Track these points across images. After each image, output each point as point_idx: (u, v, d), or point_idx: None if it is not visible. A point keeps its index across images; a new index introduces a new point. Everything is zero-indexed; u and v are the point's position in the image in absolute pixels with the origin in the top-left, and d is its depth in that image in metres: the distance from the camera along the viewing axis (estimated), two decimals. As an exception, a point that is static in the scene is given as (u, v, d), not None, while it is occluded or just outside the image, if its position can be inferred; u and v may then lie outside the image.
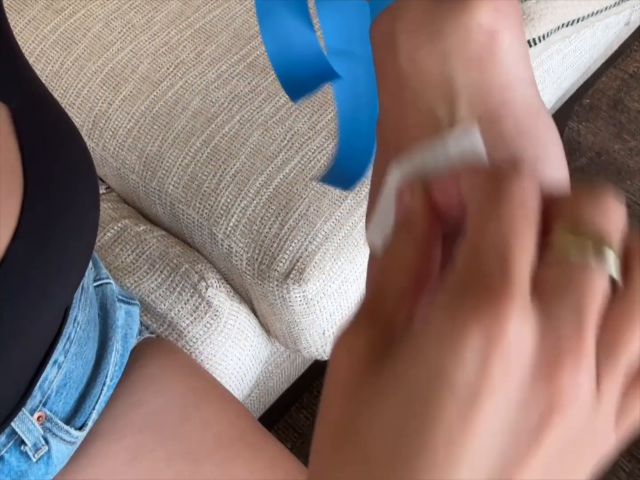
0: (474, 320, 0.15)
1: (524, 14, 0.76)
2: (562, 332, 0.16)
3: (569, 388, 0.16)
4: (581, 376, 0.16)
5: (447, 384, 0.16)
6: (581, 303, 0.16)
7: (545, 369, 0.16)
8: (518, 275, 0.16)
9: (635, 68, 1.47)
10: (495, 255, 0.16)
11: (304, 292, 0.65)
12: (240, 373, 0.69)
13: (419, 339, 0.16)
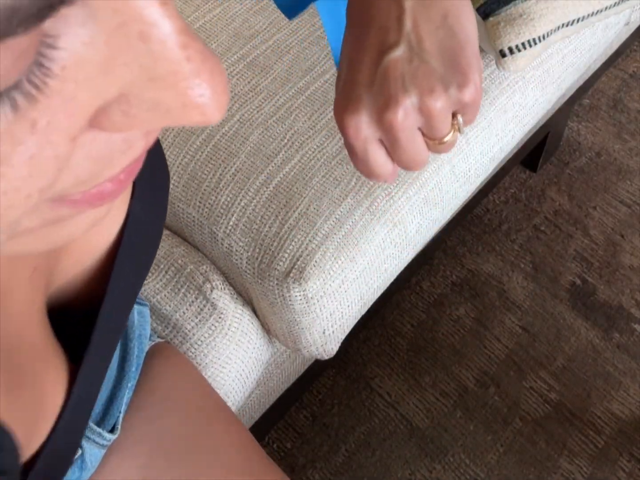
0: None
1: (524, 13, 0.76)
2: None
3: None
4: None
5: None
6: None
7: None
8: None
9: (635, 68, 1.47)
10: None
11: (304, 291, 0.64)
12: (242, 375, 0.69)
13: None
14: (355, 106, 0.34)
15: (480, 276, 1.21)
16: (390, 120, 0.34)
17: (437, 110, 0.33)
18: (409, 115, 0.34)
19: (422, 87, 0.33)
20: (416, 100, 0.33)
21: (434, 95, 0.33)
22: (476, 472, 1.03)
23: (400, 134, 0.34)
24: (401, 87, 0.33)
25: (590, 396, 1.09)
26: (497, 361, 1.12)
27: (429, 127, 0.35)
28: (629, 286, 1.20)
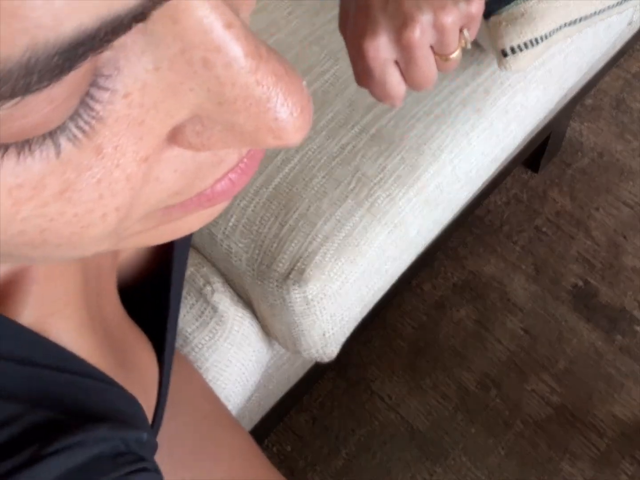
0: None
1: (526, 13, 0.75)
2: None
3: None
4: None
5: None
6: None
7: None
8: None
9: (638, 68, 1.47)
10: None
11: (304, 293, 0.64)
12: (243, 379, 0.68)
13: None
14: (374, 29, 0.37)
15: (481, 278, 1.20)
16: (409, 38, 0.37)
17: (450, 25, 0.37)
18: (425, 32, 0.37)
19: (434, 4, 0.37)
20: (430, 17, 0.37)
21: (446, 10, 0.37)
22: (477, 475, 1.02)
23: (417, 51, 0.37)
24: (415, 5, 0.37)
25: (592, 399, 1.08)
26: (498, 363, 1.11)
27: (440, 43, 0.38)
28: (631, 288, 1.19)
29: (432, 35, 0.38)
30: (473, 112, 0.76)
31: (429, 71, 0.39)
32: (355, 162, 0.70)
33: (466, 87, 0.77)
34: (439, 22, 0.37)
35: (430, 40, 0.38)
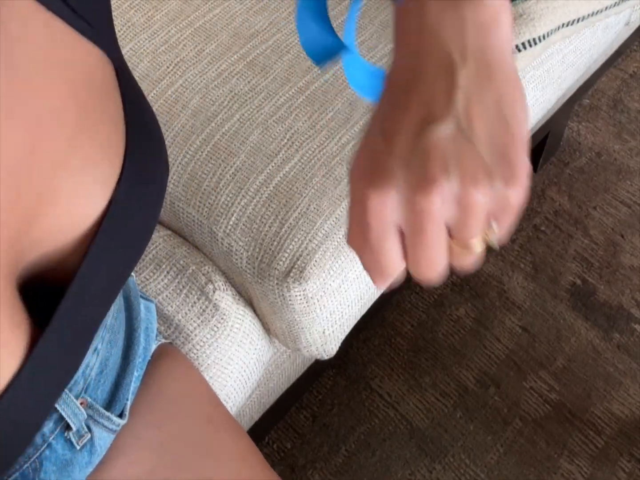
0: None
1: (525, 13, 0.76)
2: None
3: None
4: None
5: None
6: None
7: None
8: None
9: (635, 68, 1.47)
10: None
11: (304, 291, 0.64)
12: (244, 376, 0.69)
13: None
14: (385, 180, 0.29)
15: (480, 276, 1.21)
16: (424, 205, 0.28)
17: (477, 203, 0.29)
18: (444, 204, 0.29)
19: (466, 172, 0.28)
20: (456, 188, 0.28)
21: (478, 184, 0.28)
22: (476, 473, 1.03)
23: (429, 223, 0.29)
24: (443, 168, 0.28)
25: (590, 396, 1.09)
26: (497, 361, 1.12)
27: (460, 223, 0.29)
28: (629, 286, 1.20)
29: (451, 211, 0.29)
30: (472, 112, 0.77)
31: (436, 254, 0.30)
32: (355, 161, 0.71)
33: (465, 87, 0.78)
34: (466, 195, 0.29)
35: (448, 215, 0.29)
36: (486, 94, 0.29)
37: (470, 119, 0.29)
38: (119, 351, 0.50)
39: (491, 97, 0.29)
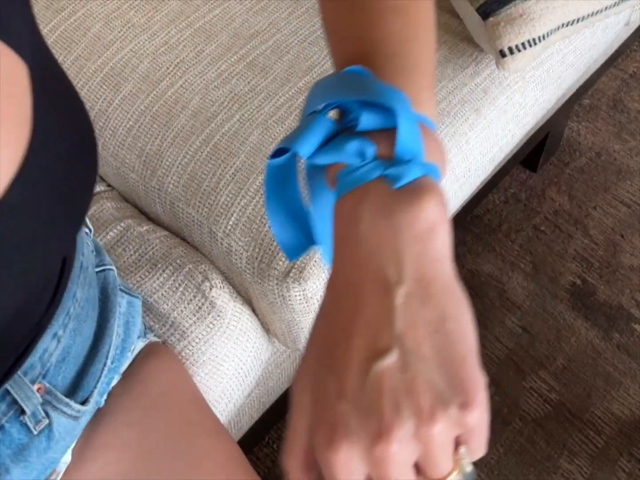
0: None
1: (524, 13, 0.76)
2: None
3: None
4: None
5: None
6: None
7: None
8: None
9: (635, 68, 1.47)
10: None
11: (304, 291, 0.64)
12: (241, 374, 0.69)
13: None
14: (345, 437, 0.28)
15: (480, 276, 1.21)
16: (383, 454, 0.27)
17: (437, 436, 0.27)
18: (404, 448, 0.27)
19: (419, 409, 0.27)
20: (412, 428, 0.27)
21: (433, 418, 0.27)
22: (476, 472, 1.03)
23: (393, 470, 0.27)
24: (395, 410, 0.27)
25: (590, 396, 1.09)
26: (497, 361, 1.12)
27: (427, 459, 0.28)
28: (629, 286, 1.20)
29: (413, 449, 0.28)
30: (472, 112, 0.77)
31: None
32: (355, 161, 0.71)
33: (465, 87, 0.78)
34: (424, 434, 0.27)
35: (412, 454, 0.28)
36: (427, 311, 0.28)
37: (415, 340, 0.28)
38: (85, 340, 0.50)
39: (433, 313, 0.28)
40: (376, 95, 0.31)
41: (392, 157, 0.30)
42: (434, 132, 0.33)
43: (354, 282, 0.30)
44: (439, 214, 0.30)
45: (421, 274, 0.29)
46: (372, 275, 0.29)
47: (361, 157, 0.31)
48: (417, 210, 0.29)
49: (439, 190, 0.31)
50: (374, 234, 0.29)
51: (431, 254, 0.29)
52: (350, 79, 0.32)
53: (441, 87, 0.78)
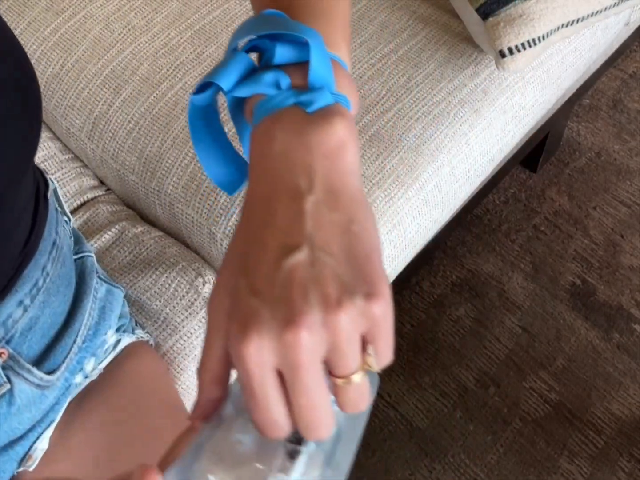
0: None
1: (524, 14, 0.76)
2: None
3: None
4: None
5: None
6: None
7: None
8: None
9: (635, 68, 1.47)
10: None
11: (304, 292, 0.65)
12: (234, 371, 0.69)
13: None
14: (256, 324, 0.28)
15: (480, 276, 1.21)
16: (294, 340, 0.27)
17: (344, 323, 0.28)
18: (313, 335, 0.28)
19: (326, 296, 0.28)
20: (321, 314, 0.28)
21: (340, 304, 0.28)
22: (476, 472, 1.03)
23: (303, 358, 0.28)
24: (304, 298, 0.28)
25: (590, 396, 1.09)
26: (497, 361, 1.12)
27: (334, 352, 0.28)
28: (628, 286, 1.20)
29: (322, 342, 0.28)
30: (471, 113, 0.77)
31: (318, 396, 0.28)
32: (355, 162, 0.71)
33: (464, 88, 0.78)
34: (331, 320, 0.28)
35: (321, 348, 0.28)
36: (335, 215, 0.30)
37: (323, 240, 0.29)
38: (56, 315, 0.51)
39: (340, 217, 0.30)
40: (290, 30, 0.33)
41: (306, 87, 0.33)
42: (347, 71, 0.36)
43: (266, 195, 0.31)
44: (348, 134, 0.32)
45: (330, 185, 0.31)
46: (284, 186, 0.31)
47: (277, 87, 0.33)
48: (328, 129, 0.31)
49: (349, 115, 0.33)
50: (287, 151, 0.31)
51: (340, 168, 0.31)
52: (268, 18, 0.35)
53: (441, 87, 0.78)
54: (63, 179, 0.75)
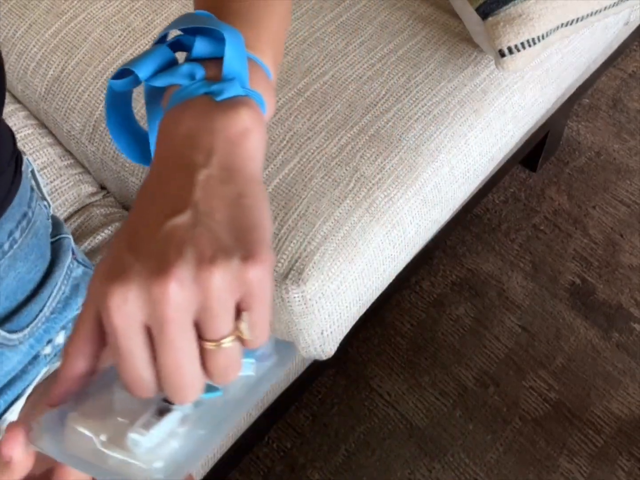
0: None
1: (524, 13, 0.76)
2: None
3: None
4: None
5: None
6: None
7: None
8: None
9: (634, 68, 1.47)
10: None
11: (303, 293, 0.65)
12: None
13: None
14: (123, 275, 0.27)
15: (479, 276, 1.21)
16: (162, 293, 0.27)
17: (217, 281, 0.27)
18: (183, 290, 0.27)
19: (201, 253, 0.27)
20: (194, 270, 0.27)
21: (214, 262, 0.27)
22: (476, 472, 1.03)
23: (171, 313, 0.27)
24: (178, 252, 0.27)
25: (589, 395, 1.09)
26: (496, 361, 1.12)
27: (205, 312, 0.27)
28: (628, 285, 1.20)
29: (193, 300, 0.27)
30: (471, 113, 0.77)
31: (184, 357, 0.27)
32: (354, 162, 0.71)
33: (464, 88, 0.78)
34: (202, 277, 0.27)
35: (191, 306, 0.27)
36: (227, 188, 0.30)
37: (210, 207, 0.29)
38: (23, 280, 0.53)
39: (232, 190, 0.30)
40: (210, 25, 0.35)
41: (219, 79, 0.34)
42: (268, 76, 0.38)
43: (163, 169, 0.32)
44: (253, 122, 0.32)
45: (227, 164, 0.31)
46: (181, 161, 0.31)
47: (191, 79, 0.34)
48: (233, 115, 0.32)
49: (257, 109, 0.34)
50: (191, 133, 0.32)
51: (241, 151, 0.32)
52: (194, 16, 0.37)
53: (440, 87, 0.78)
54: (62, 187, 0.75)
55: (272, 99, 0.37)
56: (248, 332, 0.28)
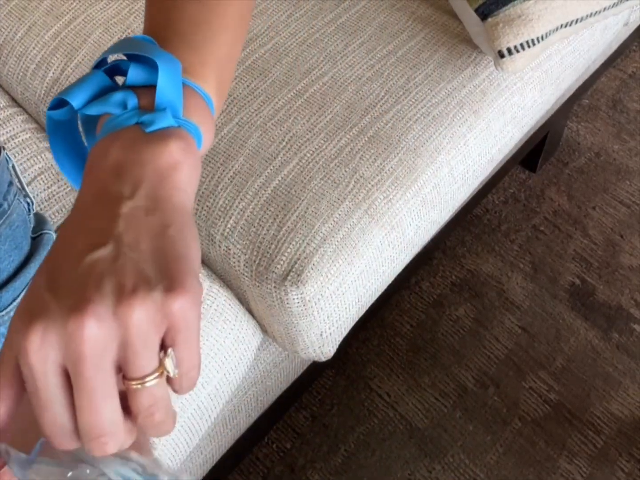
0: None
1: (523, 14, 0.76)
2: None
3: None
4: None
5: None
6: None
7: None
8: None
9: (634, 68, 1.47)
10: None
11: (302, 294, 0.65)
12: (219, 355, 0.68)
13: None
14: (41, 314, 0.26)
15: (479, 276, 1.21)
16: (78, 331, 0.25)
17: (137, 318, 0.26)
18: (102, 326, 0.25)
19: (121, 286, 0.26)
20: (112, 305, 0.26)
21: (135, 294, 0.26)
22: (475, 473, 1.03)
23: (86, 348, 0.25)
24: (96, 287, 0.26)
25: (589, 396, 1.09)
26: (496, 361, 1.12)
27: (126, 349, 0.26)
28: (628, 286, 1.20)
29: (113, 332, 0.26)
30: (470, 114, 0.77)
31: (102, 400, 0.26)
32: (354, 163, 0.71)
33: (463, 89, 0.78)
34: (124, 312, 0.26)
35: (111, 344, 0.26)
36: (152, 219, 0.29)
37: (134, 239, 0.28)
38: (25, 247, 0.56)
39: (157, 221, 0.29)
40: (144, 52, 0.34)
41: (152, 109, 0.33)
42: (207, 104, 0.36)
43: (89, 202, 0.31)
44: (182, 155, 0.32)
45: (154, 194, 0.30)
46: (106, 194, 0.30)
47: (123, 107, 0.33)
48: (162, 148, 0.31)
49: (189, 140, 0.33)
50: (118, 164, 0.31)
51: (168, 182, 0.31)
52: (132, 41, 0.36)
53: (440, 88, 0.78)
54: (59, 193, 0.75)
55: (210, 131, 0.36)
56: (173, 369, 0.27)
